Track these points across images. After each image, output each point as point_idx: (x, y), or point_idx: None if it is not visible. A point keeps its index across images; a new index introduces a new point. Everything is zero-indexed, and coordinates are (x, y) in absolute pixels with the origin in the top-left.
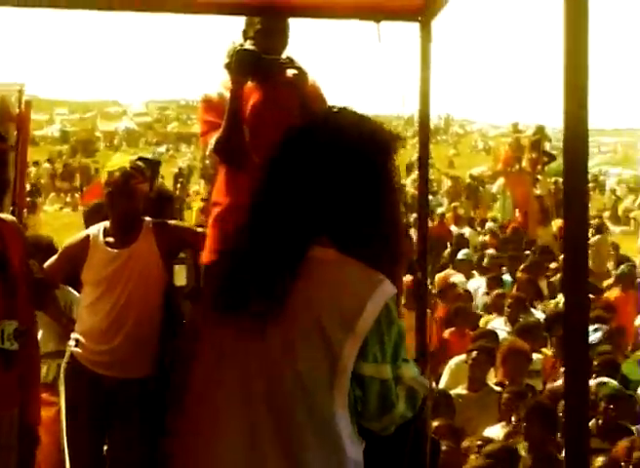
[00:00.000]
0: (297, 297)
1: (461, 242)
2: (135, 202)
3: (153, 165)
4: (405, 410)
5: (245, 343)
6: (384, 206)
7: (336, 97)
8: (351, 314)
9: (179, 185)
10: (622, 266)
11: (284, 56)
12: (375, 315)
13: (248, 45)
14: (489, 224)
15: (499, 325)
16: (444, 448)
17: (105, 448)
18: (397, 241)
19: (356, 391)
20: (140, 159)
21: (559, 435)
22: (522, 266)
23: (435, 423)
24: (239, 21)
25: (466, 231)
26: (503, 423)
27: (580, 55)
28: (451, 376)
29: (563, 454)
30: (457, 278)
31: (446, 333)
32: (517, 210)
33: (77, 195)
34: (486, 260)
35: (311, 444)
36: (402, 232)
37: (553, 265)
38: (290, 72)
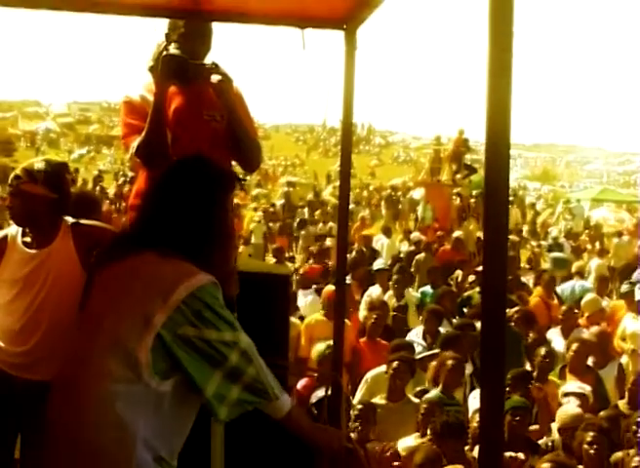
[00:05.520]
0: (132, 273)
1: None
2: (24, 203)
3: (54, 167)
4: (240, 364)
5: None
6: (212, 226)
7: (259, 103)
8: (165, 292)
9: (98, 188)
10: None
11: (209, 61)
12: (186, 293)
13: (173, 49)
14: (414, 234)
15: (415, 336)
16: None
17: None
18: (224, 250)
19: (179, 352)
20: (43, 161)
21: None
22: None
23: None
24: (163, 23)
25: (384, 241)
26: (417, 434)
27: (503, 71)
28: (367, 390)
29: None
30: (373, 288)
31: (360, 342)
32: (436, 220)
33: None
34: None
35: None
36: (228, 245)
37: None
38: (215, 78)
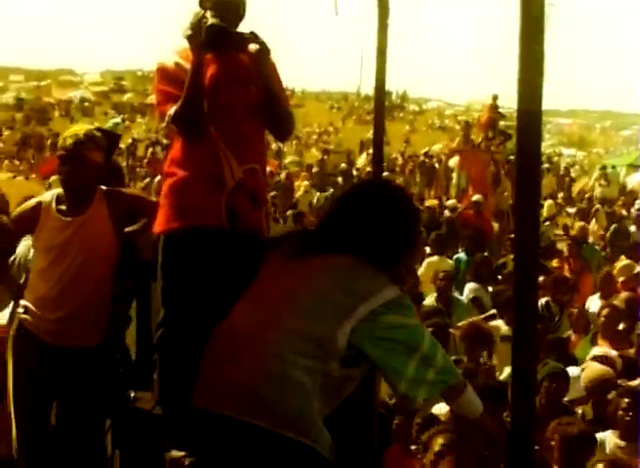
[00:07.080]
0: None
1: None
2: (83, 168)
3: (111, 137)
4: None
5: (293, 267)
6: (403, 247)
7: (293, 70)
8: (367, 292)
9: (131, 156)
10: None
11: (246, 29)
12: (389, 297)
13: (211, 17)
14: (451, 201)
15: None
16: (396, 421)
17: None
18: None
19: (371, 347)
20: (98, 129)
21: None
22: None
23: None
24: None
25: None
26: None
27: (535, 36)
28: None
29: None
30: None
31: None
32: (471, 187)
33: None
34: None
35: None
36: (411, 264)
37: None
38: (253, 47)
